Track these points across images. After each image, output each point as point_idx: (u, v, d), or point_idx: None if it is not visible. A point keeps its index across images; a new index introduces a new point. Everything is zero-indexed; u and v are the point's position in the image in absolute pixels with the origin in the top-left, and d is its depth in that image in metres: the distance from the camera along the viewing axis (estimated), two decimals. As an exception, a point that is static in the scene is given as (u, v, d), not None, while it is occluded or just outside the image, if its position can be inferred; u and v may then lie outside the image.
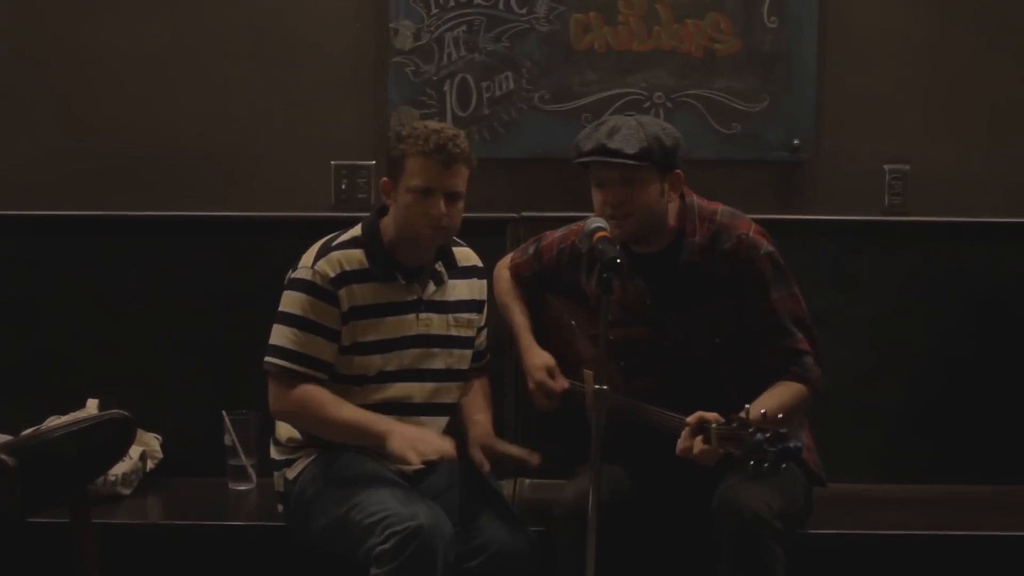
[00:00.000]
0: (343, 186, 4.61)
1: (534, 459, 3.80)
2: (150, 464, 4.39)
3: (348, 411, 3.74)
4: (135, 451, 4.28)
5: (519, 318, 4.12)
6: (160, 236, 4.57)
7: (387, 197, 3.82)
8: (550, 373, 3.97)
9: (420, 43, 4.57)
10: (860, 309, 4.58)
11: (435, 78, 4.58)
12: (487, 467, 3.78)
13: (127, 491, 4.26)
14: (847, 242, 4.59)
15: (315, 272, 3.76)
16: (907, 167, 4.62)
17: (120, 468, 4.21)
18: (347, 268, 3.77)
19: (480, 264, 4.03)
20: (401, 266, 3.83)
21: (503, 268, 4.22)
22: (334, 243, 3.82)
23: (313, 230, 3.95)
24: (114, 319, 4.57)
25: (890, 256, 4.60)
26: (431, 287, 3.87)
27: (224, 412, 4.31)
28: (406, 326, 3.83)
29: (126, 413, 3.45)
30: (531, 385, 4.00)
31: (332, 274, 3.75)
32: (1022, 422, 4.58)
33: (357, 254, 3.80)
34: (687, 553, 3.87)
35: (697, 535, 3.73)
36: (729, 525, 3.59)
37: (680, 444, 3.52)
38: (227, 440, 4.33)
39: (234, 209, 4.57)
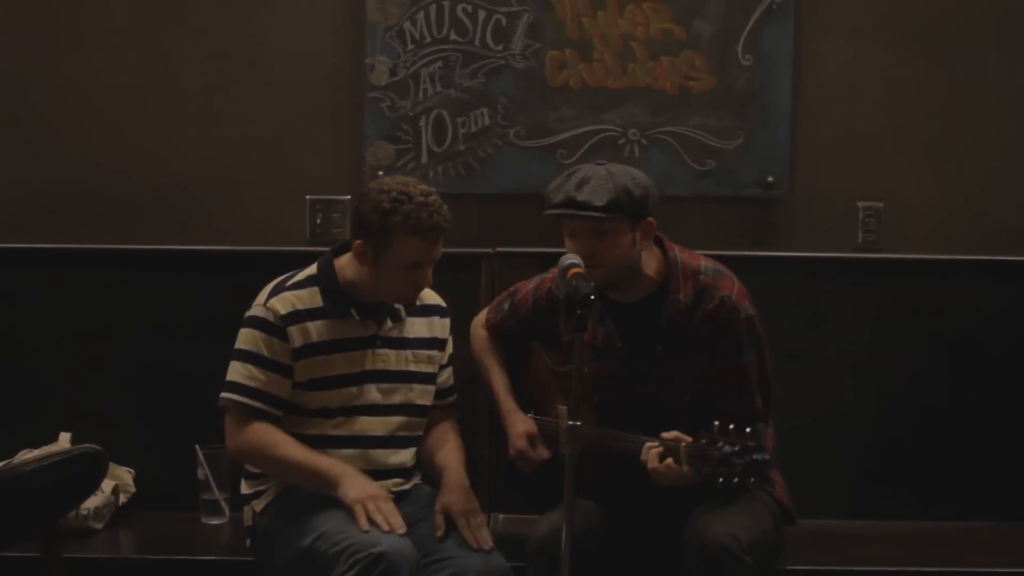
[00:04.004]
0: (318, 220, 4.62)
1: (485, 546, 3.75)
2: (122, 498, 4.37)
3: (302, 453, 3.75)
4: (107, 485, 4.27)
5: (498, 379, 4.11)
6: (134, 270, 4.57)
7: (362, 261, 3.78)
8: (532, 442, 3.98)
9: (396, 78, 4.58)
10: (833, 346, 4.60)
11: (411, 113, 4.59)
12: (441, 532, 3.77)
13: (99, 525, 4.24)
14: (820, 279, 4.61)
15: (267, 309, 3.78)
16: (880, 205, 4.64)
17: (92, 502, 4.19)
18: (300, 307, 3.79)
19: (442, 303, 4.03)
20: (357, 303, 3.84)
21: (479, 327, 4.21)
22: (288, 282, 3.85)
23: (288, 264, 3.95)
24: (87, 353, 4.56)
25: (863, 293, 4.62)
26: (388, 324, 3.88)
27: (197, 446, 4.31)
28: (361, 362, 3.83)
29: (98, 447, 3.44)
30: (512, 452, 4.01)
31: (283, 311, 3.77)
32: (994, 459, 4.60)
33: (311, 292, 3.82)
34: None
35: (670, 569, 3.72)
36: (698, 558, 3.60)
37: (649, 464, 3.56)
38: (200, 474, 4.32)
39: (209, 243, 4.57)
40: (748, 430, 3.47)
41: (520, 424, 4.01)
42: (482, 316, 4.22)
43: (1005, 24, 4.63)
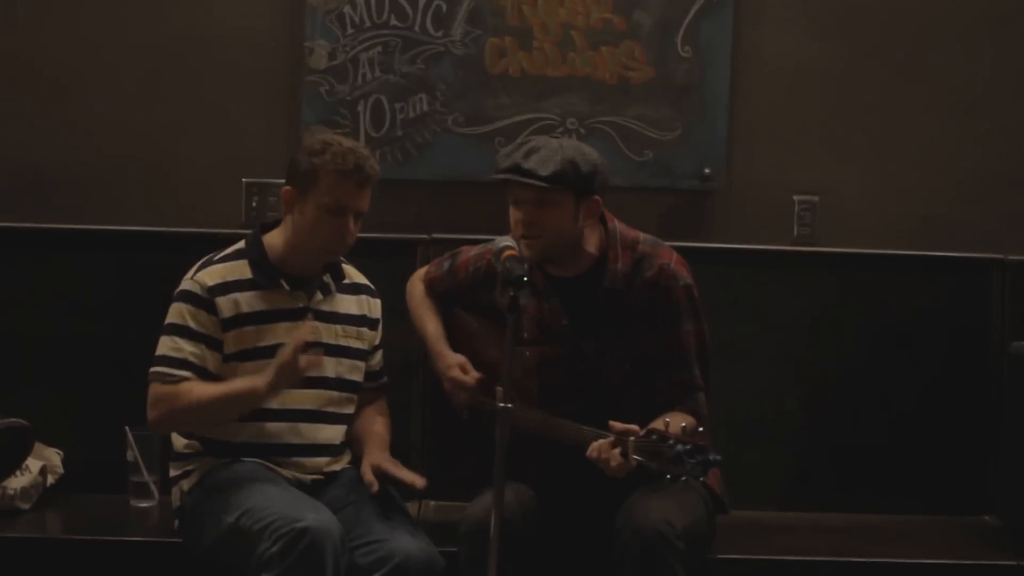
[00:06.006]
0: (254, 203, 4.59)
1: (419, 483, 3.78)
2: (51, 479, 4.32)
3: (214, 387, 3.73)
4: (35, 465, 4.21)
5: (432, 327, 4.10)
6: (67, 249, 4.53)
7: (289, 208, 3.81)
8: (462, 368, 3.96)
9: (335, 63, 4.57)
10: (766, 338, 4.61)
11: (349, 98, 4.58)
12: (375, 487, 3.78)
13: (26, 506, 4.18)
14: (755, 271, 4.63)
15: (193, 282, 3.79)
16: (816, 198, 4.67)
17: (19, 482, 4.14)
18: (228, 278, 3.79)
19: (371, 285, 4.05)
20: (286, 275, 3.84)
21: (417, 280, 4.21)
22: (216, 257, 3.86)
23: (223, 246, 3.93)
24: (17, 332, 4.51)
25: (798, 286, 4.64)
26: (318, 296, 3.88)
27: (127, 428, 4.26)
28: (294, 332, 3.79)
29: (24, 422, 3.42)
30: (447, 385, 3.99)
31: (210, 283, 3.77)
32: (925, 453, 4.63)
33: (240, 265, 3.83)
34: (592, 570, 3.85)
35: (603, 552, 3.72)
36: (630, 542, 3.60)
37: (593, 452, 3.54)
38: (130, 456, 4.28)
39: (143, 224, 4.54)
40: (700, 429, 3.48)
41: (450, 357, 3.99)
42: (421, 271, 4.23)
43: (942, 20, 4.67)
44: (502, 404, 3.36)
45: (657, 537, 3.57)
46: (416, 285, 4.20)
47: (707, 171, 4.63)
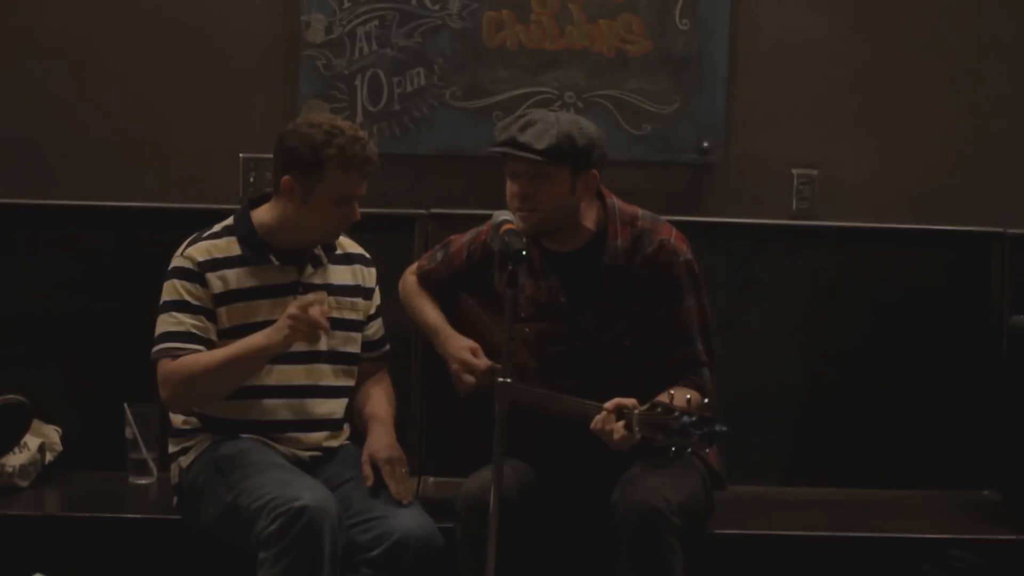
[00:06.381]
0: (251, 179, 4.58)
1: (405, 499, 3.73)
2: (49, 456, 4.32)
3: (226, 350, 3.71)
4: (34, 443, 4.21)
5: (432, 315, 4.08)
6: (65, 226, 4.52)
7: (288, 196, 3.77)
8: (473, 352, 3.94)
9: (332, 37, 4.54)
10: (765, 312, 4.61)
11: (346, 72, 4.55)
12: (370, 482, 3.76)
13: (24, 483, 4.18)
14: (754, 245, 4.62)
15: (184, 258, 3.78)
16: (814, 172, 4.66)
17: (18, 460, 4.15)
18: (217, 255, 3.79)
19: (365, 254, 4.03)
20: (276, 250, 3.82)
21: (409, 274, 4.19)
22: (205, 234, 3.85)
23: (219, 222, 3.91)
24: (15, 309, 4.50)
25: (797, 260, 4.63)
26: (309, 270, 3.87)
27: (126, 405, 4.26)
28: (284, 308, 3.76)
29: (22, 399, 3.40)
30: (454, 367, 3.96)
31: (200, 259, 3.77)
32: (923, 427, 4.63)
33: (229, 241, 3.82)
34: (590, 547, 3.85)
35: (600, 529, 3.71)
36: (626, 518, 3.59)
37: (597, 424, 3.53)
38: (128, 433, 4.28)
39: (140, 200, 4.53)
40: (706, 401, 3.48)
41: (461, 340, 3.96)
42: (412, 266, 4.20)
43: (941, -6, 4.66)
44: (501, 380, 3.35)
45: (653, 513, 3.56)
46: (408, 279, 4.18)
47: (705, 145, 4.61)
